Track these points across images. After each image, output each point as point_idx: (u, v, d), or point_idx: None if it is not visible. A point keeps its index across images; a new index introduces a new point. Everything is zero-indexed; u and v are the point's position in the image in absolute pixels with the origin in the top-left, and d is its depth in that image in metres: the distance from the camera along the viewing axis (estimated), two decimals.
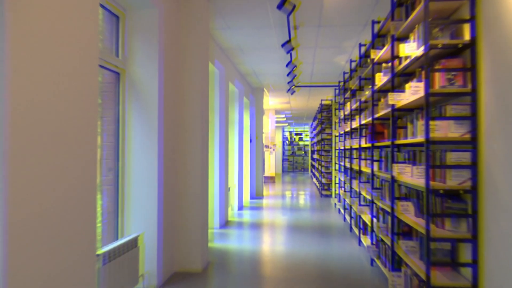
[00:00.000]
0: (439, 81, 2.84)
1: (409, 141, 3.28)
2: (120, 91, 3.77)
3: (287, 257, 4.96)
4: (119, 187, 3.75)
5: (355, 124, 6.25)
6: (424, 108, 2.79)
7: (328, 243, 5.68)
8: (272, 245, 5.59)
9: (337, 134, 8.86)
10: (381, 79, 4.30)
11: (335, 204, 9.50)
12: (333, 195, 11.06)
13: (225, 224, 7.11)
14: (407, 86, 3.27)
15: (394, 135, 3.74)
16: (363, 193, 5.36)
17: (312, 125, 19.12)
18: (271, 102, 13.90)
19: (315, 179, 15.71)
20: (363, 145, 5.53)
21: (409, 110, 3.63)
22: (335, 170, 10.10)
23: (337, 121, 9.38)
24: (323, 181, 11.78)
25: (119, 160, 3.76)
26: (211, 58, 6.11)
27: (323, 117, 12.02)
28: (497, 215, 2.41)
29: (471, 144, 2.68)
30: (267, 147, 16.12)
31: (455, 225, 2.77)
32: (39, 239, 2.05)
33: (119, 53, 3.75)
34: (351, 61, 6.98)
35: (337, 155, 9.51)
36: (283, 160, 25.20)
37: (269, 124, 15.43)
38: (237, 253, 5.14)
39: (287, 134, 26.82)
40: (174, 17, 4.21)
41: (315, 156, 15.76)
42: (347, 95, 7.27)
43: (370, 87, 5.05)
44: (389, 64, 4.02)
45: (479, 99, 2.66)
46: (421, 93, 2.96)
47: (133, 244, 3.41)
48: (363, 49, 5.81)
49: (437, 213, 2.76)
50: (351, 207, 6.67)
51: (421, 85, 3.10)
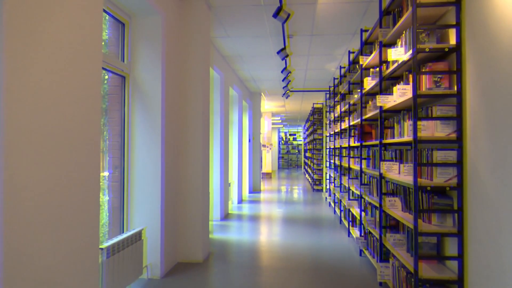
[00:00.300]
0: (426, 83, 2.67)
1: (397, 140, 3.12)
2: (125, 94, 3.60)
3: (282, 247, 4.79)
4: (125, 184, 3.58)
5: (345, 125, 6.09)
6: (412, 109, 2.62)
7: (320, 235, 5.52)
8: (268, 237, 5.42)
9: (328, 134, 8.70)
10: (369, 83, 4.13)
11: (326, 198, 9.33)
12: (324, 190, 10.90)
13: (226, 216, 6.93)
14: (395, 88, 3.10)
15: (381, 135, 3.58)
16: (352, 188, 5.19)
17: (305, 126, 18.95)
18: (268, 105, 13.73)
19: (307, 175, 15.54)
20: (352, 144, 5.37)
21: (396, 111, 3.47)
22: (326, 167, 9.94)
23: (327, 122, 9.20)
24: (315, 177, 11.62)
25: (124, 158, 3.59)
26: (212, 64, 5.94)
27: (315, 119, 11.86)
28: (481, 211, 2.25)
29: (457, 143, 2.52)
30: (264, 146, 15.96)
31: (441, 220, 2.61)
32: (40, 233, 1.87)
33: (124, 58, 3.57)
34: (341, 68, 6.82)
35: (327, 153, 9.35)
36: (279, 158, 25.03)
37: (265, 125, 15.25)
38: (236, 244, 4.97)
39: (283, 134, 26.67)
40: (177, 24, 4.04)
41: (308, 154, 15.60)
42: (337, 98, 7.10)
43: (358, 91, 4.89)
44: (377, 69, 3.85)
45: (464, 100, 2.50)
46: (409, 95, 2.79)
47: (137, 237, 3.24)
48: (352, 56, 5.64)
49: (424, 209, 2.60)
50: (340, 201, 6.51)
51: (409, 87, 2.93)
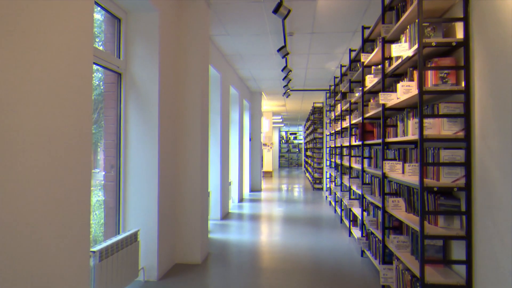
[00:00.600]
0: (432, 79, 2.52)
1: (400, 139, 2.96)
2: (121, 91, 3.44)
3: (282, 248, 4.64)
4: (120, 183, 3.43)
5: (345, 124, 5.93)
6: (416, 106, 2.46)
7: (320, 235, 5.36)
8: (268, 237, 5.27)
9: (328, 133, 8.54)
10: (370, 81, 3.97)
11: (326, 197, 9.17)
12: (324, 189, 10.74)
13: (225, 216, 6.78)
14: (398, 85, 2.94)
15: (384, 133, 3.42)
16: (353, 188, 5.04)
17: (305, 125, 18.79)
18: (268, 105, 13.57)
19: (307, 174, 15.38)
20: (353, 143, 5.21)
21: (398, 109, 3.31)
22: (326, 166, 9.78)
23: (328, 122, 9.05)
24: (315, 175, 11.46)
25: (120, 157, 3.44)
26: (212, 63, 5.78)
27: (315, 118, 11.70)
28: (490, 213, 2.09)
29: (465, 142, 2.36)
30: (265, 145, 15.82)
31: (448, 222, 2.45)
32: (26, 237, 1.72)
33: (120, 54, 3.42)
34: (341, 66, 6.66)
35: (328, 152, 9.19)
36: (279, 157, 24.87)
37: (266, 124, 15.10)
38: (236, 245, 4.82)
39: (283, 133, 26.50)
40: (174, 21, 3.88)
41: (308, 153, 15.44)
42: (338, 97, 6.94)
43: (359, 89, 4.73)
44: (379, 66, 3.69)
45: (472, 97, 2.34)
46: (413, 92, 2.63)
47: (132, 239, 3.09)
48: (353, 54, 5.47)
49: (429, 211, 2.44)
50: (341, 200, 6.35)
51: (413, 84, 2.78)
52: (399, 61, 2.96)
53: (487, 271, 2.13)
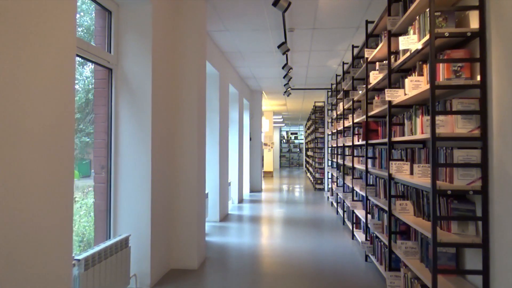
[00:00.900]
0: (444, 73, 2.31)
1: (408, 138, 2.76)
2: (112, 88, 3.25)
3: (283, 252, 4.43)
4: (112, 185, 3.24)
5: (348, 123, 5.73)
6: (427, 102, 2.25)
7: (322, 237, 5.16)
8: (268, 240, 5.07)
9: (330, 133, 8.33)
10: (374, 77, 3.77)
11: (328, 197, 8.97)
12: (326, 189, 10.53)
13: (224, 218, 6.59)
14: (407, 81, 2.74)
15: (390, 132, 3.22)
16: (356, 188, 4.83)
17: (306, 125, 18.58)
18: (269, 104, 13.37)
19: (308, 174, 15.17)
20: (356, 143, 5.01)
21: (405, 107, 3.10)
22: (328, 166, 9.57)
23: (329, 121, 8.84)
24: (317, 176, 11.25)
25: (111, 157, 3.24)
26: (211, 60, 5.58)
27: (316, 118, 11.49)
28: (510, 219, 1.89)
29: (481, 141, 2.16)
30: (265, 145, 15.63)
31: (462, 228, 2.25)
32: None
33: (111, 48, 3.23)
34: (344, 64, 6.45)
35: (329, 152, 8.98)
36: (280, 157, 24.65)
37: (267, 124, 14.89)
38: (234, 248, 4.62)
39: (284, 133, 26.30)
40: (169, 13, 3.69)
41: (309, 153, 15.23)
42: (340, 96, 6.73)
43: (363, 86, 4.53)
44: (384, 62, 3.49)
45: (488, 92, 2.13)
46: (423, 87, 2.43)
47: (123, 244, 2.89)
48: (356, 51, 5.27)
49: (442, 216, 2.24)
50: (343, 201, 6.15)
51: (422, 79, 2.58)
52: (407, 55, 2.75)
53: (506, 283, 1.93)
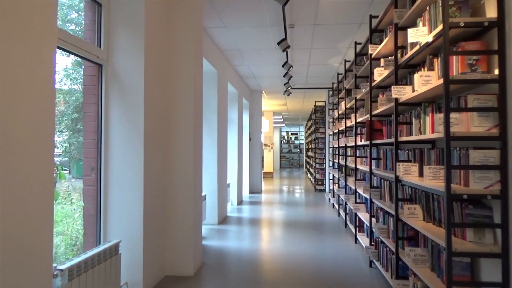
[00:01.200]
0: (458, 67, 2.13)
1: (416, 138, 2.57)
2: (103, 85, 3.06)
3: (284, 257, 4.24)
4: (102, 188, 3.05)
5: (350, 122, 5.54)
6: (436, 100, 2.06)
7: (324, 241, 4.97)
8: (268, 244, 4.87)
9: (331, 133, 8.14)
10: (379, 74, 3.59)
11: (329, 199, 8.78)
12: (327, 190, 10.35)
13: (223, 220, 6.40)
14: (416, 76, 2.56)
15: (397, 132, 3.03)
16: (359, 190, 4.65)
17: (306, 125, 18.39)
18: (269, 104, 13.18)
19: (309, 175, 14.98)
20: (359, 143, 4.82)
21: (413, 104, 2.91)
22: (329, 166, 9.38)
23: (330, 121, 8.65)
24: (317, 176, 11.06)
25: (101, 158, 3.06)
26: (209, 58, 5.40)
27: (317, 118, 11.30)
28: None
29: (499, 140, 1.97)
30: (265, 145, 15.45)
31: (478, 236, 2.06)
32: None
33: (101, 43, 3.04)
34: (346, 61, 6.27)
35: (330, 152, 8.80)
36: (280, 157, 24.45)
37: (267, 124, 14.71)
38: (233, 253, 4.43)
39: (284, 133, 26.11)
40: (163, 7, 3.50)
41: (309, 153, 15.04)
42: (341, 95, 6.55)
43: (366, 84, 4.34)
44: (390, 57, 3.30)
45: (508, 87, 1.95)
46: (434, 83, 2.25)
47: (112, 251, 2.71)
48: (358, 48, 5.08)
49: (457, 223, 2.05)
50: (345, 203, 5.96)
51: (433, 74, 2.39)
52: (415, 49, 2.57)
53: None
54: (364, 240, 4.53)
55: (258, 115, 10.60)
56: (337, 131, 6.95)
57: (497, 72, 1.99)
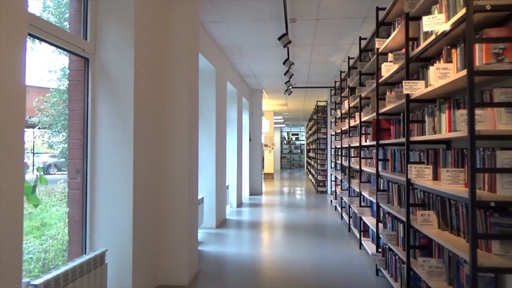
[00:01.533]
0: (482, 57, 1.89)
1: (433, 137, 2.33)
2: (89, 80, 2.83)
3: (284, 263, 4.00)
4: (88, 192, 2.81)
5: (354, 122, 5.30)
6: (467, 91, 1.83)
7: (327, 247, 4.72)
8: (269, 249, 4.63)
9: (333, 133, 7.90)
10: (387, 70, 3.34)
11: (331, 201, 8.53)
12: (329, 192, 10.11)
13: (222, 223, 6.15)
14: (432, 69, 2.32)
15: (408, 131, 2.79)
16: (364, 193, 4.40)
17: (307, 125, 18.15)
18: (269, 104, 12.94)
19: (310, 176, 14.73)
20: (364, 143, 4.58)
21: (426, 101, 2.67)
22: (331, 168, 9.14)
23: (333, 121, 8.41)
24: (319, 178, 10.81)
25: (87, 160, 2.82)
26: (206, 55, 5.16)
27: (319, 118, 11.06)
28: None
29: None
30: (266, 146, 15.22)
31: (506, 248, 1.82)
32: None
33: (87, 35, 2.81)
34: (349, 59, 6.03)
35: (333, 153, 8.55)
36: (281, 158, 24.20)
37: (267, 125, 14.47)
38: (231, 259, 4.19)
39: (285, 134, 25.86)
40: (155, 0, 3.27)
41: (310, 154, 14.79)
42: (345, 93, 6.30)
43: (372, 81, 4.10)
44: (400, 51, 3.07)
45: None
46: (452, 76, 2.01)
47: (97, 261, 2.47)
48: (364, 43, 4.84)
49: (482, 234, 1.81)
50: (349, 206, 5.72)
51: (451, 66, 2.15)
52: (431, 39, 2.33)
53: None
54: (369, 245, 4.29)
55: (258, 115, 10.37)
56: (339, 131, 6.71)
57: None
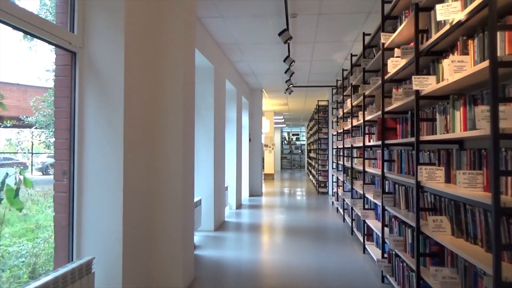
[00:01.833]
0: (505, 48, 1.71)
1: (446, 136, 2.15)
2: (76, 76, 2.65)
3: (285, 269, 3.82)
4: (76, 195, 2.63)
5: (357, 121, 5.12)
6: (489, 84, 1.65)
7: (329, 250, 4.54)
8: (269, 253, 4.45)
9: (335, 133, 7.72)
10: (394, 65, 3.16)
11: (333, 202, 8.35)
12: (330, 193, 9.92)
13: (220, 226, 5.97)
14: (446, 62, 2.14)
15: (418, 130, 2.61)
16: (368, 195, 4.22)
17: (308, 125, 17.96)
18: (269, 104, 12.76)
19: (311, 177, 14.55)
20: (368, 143, 4.40)
21: (437, 98, 2.50)
22: (333, 168, 8.96)
23: (334, 120, 8.23)
24: (320, 179, 10.62)
25: (75, 161, 2.64)
26: (204, 52, 4.98)
27: (320, 117, 10.86)
28: None
29: None
30: (266, 146, 15.05)
31: None
32: None
33: (74, 27, 2.63)
34: (352, 56, 5.85)
35: (334, 154, 8.37)
36: (281, 158, 24.01)
37: (267, 125, 14.29)
38: (229, 264, 4.01)
39: (286, 134, 25.67)
40: None
41: (311, 155, 14.61)
42: (347, 92, 6.12)
43: (377, 78, 3.92)
44: (408, 45, 2.88)
45: None
46: (469, 70, 1.84)
47: (84, 270, 2.29)
48: (368, 39, 4.66)
49: (505, 244, 1.63)
50: (351, 208, 5.53)
51: (467, 59, 1.97)
52: (444, 29, 2.14)
53: None
54: (374, 250, 4.10)
55: (258, 114, 10.19)
56: (341, 131, 6.52)
57: None
